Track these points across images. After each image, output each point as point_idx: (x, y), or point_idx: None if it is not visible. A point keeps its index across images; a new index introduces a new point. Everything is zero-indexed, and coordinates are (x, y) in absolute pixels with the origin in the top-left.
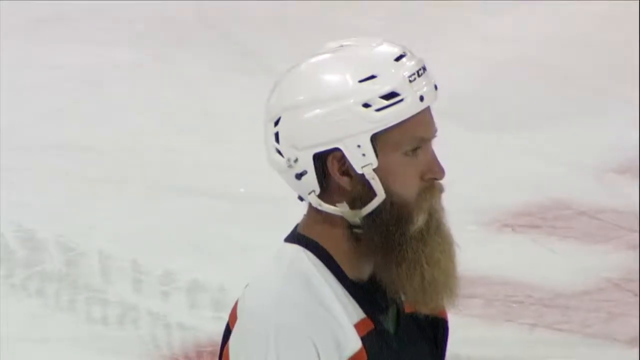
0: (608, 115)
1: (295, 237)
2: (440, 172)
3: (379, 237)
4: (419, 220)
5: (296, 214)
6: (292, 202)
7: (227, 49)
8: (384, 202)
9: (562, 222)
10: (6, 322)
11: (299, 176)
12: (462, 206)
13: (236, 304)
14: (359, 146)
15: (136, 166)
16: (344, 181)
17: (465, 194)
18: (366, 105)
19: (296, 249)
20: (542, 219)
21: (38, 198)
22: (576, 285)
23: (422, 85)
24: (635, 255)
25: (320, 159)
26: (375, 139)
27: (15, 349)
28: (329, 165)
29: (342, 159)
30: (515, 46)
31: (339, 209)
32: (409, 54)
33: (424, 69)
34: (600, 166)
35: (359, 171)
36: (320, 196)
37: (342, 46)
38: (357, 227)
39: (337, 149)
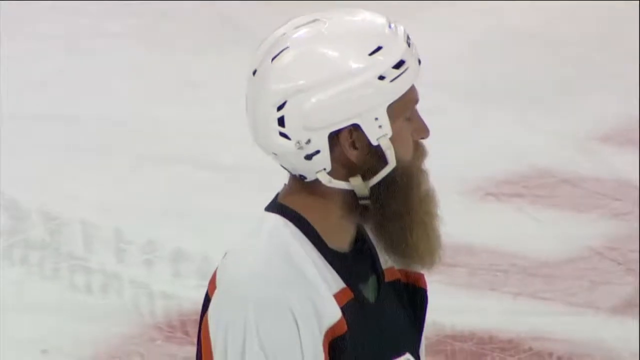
0: (592, 85)
1: (276, 207)
2: (427, 132)
3: (383, 204)
4: (422, 185)
5: (279, 182)
6: (274, 171)
7: (212, 18)
8: (393, 171)
9: (546, 191)
10: None
11: (309, 157)
12: (445, 175)
13: (215, 272)
14: (376, 119)
15: (120, 136)
16: (353, 155)
17: (448, 163)
18: (381, 78)
19: (276, 219)
20: (526, 188)
21: (22, 167)
22: (559, 254)
23: (414, 49)
24: (617, 223)
25: (335, 137)
26: (389, 109)
27: (0, 320)
28: (342, 141)
29: (356, 133)
30: (499, 16)
31: (352, 183)
32: (390, 19)
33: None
34: (583, 135)
35: (375, 143)
36: (330, 173)
37: (317, 20)
38: (364, 198)
39: (355, 125)
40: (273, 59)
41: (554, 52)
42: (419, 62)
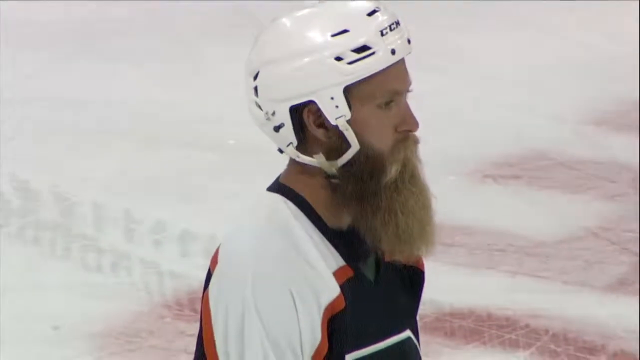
0: (587, 69)
1: (277, 187)
2: (414, 125)
3: (353, 186)
4: (392, 171)
5: (282, 164)
6: (275, 154)
7: (218, 4)
8: (358, 153)
9: (542, 173)
10: (3, 270)
11: (277, 129)
12: (444, 157)
13: (217, 249)
14: (332, 98)
15: (129, 119)
16: (320, 133)
17: (447, 146)
18: (338, 59)
19: (277, 198)
20: (523, 170)
21: (34, 150)
22: (555, 234)
23: (394, 39)
24: (612, 204)
25: (296, 112)
26: (348, 91)
27: (12, 295)
28: (304, 118)
29: (317, 111)
30: None
31: (316, 160)
32: (382, 8)
33: (397, 23)
34: (579, 119)
35: (333, 123)
36: (298, 148)
37: (320, 2)
38: (334, 177)
39: (311, 102)
40: (260, 34)
41: (552, 37)
42: (393, 52)
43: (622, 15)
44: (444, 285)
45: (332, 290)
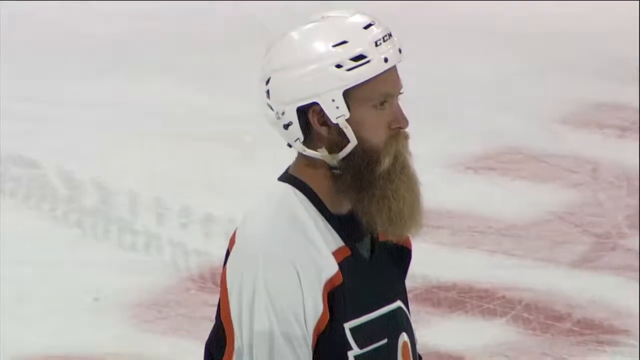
0: (554, 74)
1: (286, 177)
2: (405, 122)
3: (352, 176)
4: (385, 162)
5: (290, 157)
6: (285, 149)
7: (239, 20)
8: (356, 147)
9: (515, 165)
10: (51, 250)
11: (286, 126)
12: (432, 152)
13: (235, 231)
14: (333, 100)
15: (160, 120)
16: (323, 130)
17: (435, 142)
18: (338, 66)
19: (286, 187)
20: (499, 163)
21: (78, 146)
22: (526, 218)
23: (387, 49)
24: (575, 192)
25: (302, 112)
26: (347, 94)
27: (58, 271)
28: (309, 117)
29: (320, 111)
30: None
31: (319, 154)
32: (377, 22)
33: (390, 35)
34: (546, 118)
35: (334, 121)
36: (304, 143)
37: (323, 17)
38: (335, 168)
39: (315, 103)
40: (271, 45)
41: (521, 46)
42: (386, 60)
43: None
44: (431, 262)
45: (331, 267)
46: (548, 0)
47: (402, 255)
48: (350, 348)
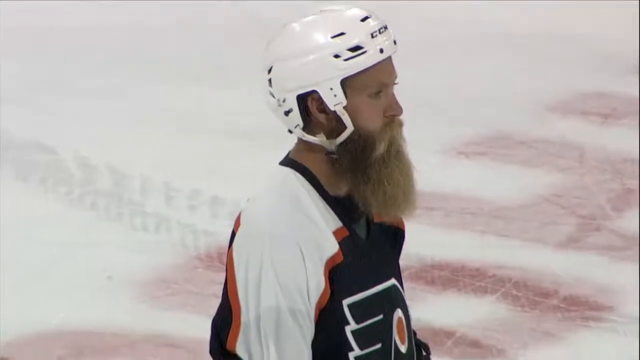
0: (546, 65)
1: (287, 161)
2: (399, 110)
3: (349, 160)
4: (380, 148)
5: (291, 143)
6: (287, 134)
7: (240, 15)
8: (353, 133)
9: (505, 150)
10: (67, 231)
11: (286, 113)
12: (427, 138)
13: (240, 213)
14: (331, 89)
15: (168, 109)
16: (321, 117)
17: (430, 128)
18: (336, 56)
19: (287, 171)
20: (489, 148)
21: (93, 133)
22: (516, 200)
23: (382, 40)
24: (562, 176)
25: (302, 100)
26: (344, 83)
27: (73, 250)
28: (309, 104)
29: (319, 99)
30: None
31: (318, 139)
32: (373, 16)
33: (385, 27)
34: (535, 106)
35: (332, 108)
36: (304, 129)
37: (322, 10)
38: (333, 153)
39: (314, 91)
40: (273, 36)
41: (514, 43)
42: (381, 51)
43: (577, 15)
44: (425, 242)
45: (332, 246)
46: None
47: (396, 236)
48: (348, 323)
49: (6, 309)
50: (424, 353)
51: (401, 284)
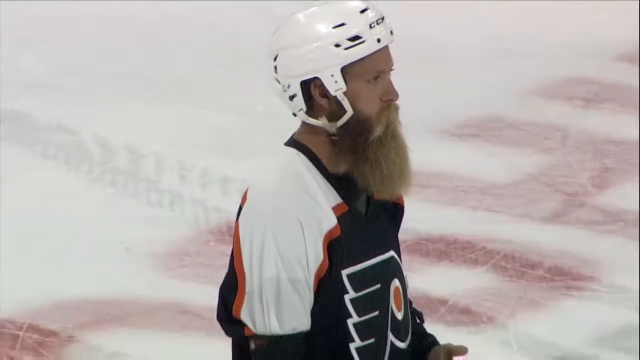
0: (532, 54)
1: (291, 142)
2: (395, 95)
3: (348, 142)
4: (377, 130)
5: (295, 125)
6: (292, 117)
7: (249, 5)
8: (352, 117)
9: (496, 132)
10: (88, 206)
11: (291, 98)
12: (423, 121)
13: (247, 189)
14: (332, 75)
15: (182, 91)
16: (323, 101)
17: (425, 111)
18: (337, 45)
19: (291, 151)
20: (481, 130)
21: (111, 114)
22: (505, 178)
23: (380, 31)
24: (547, 156)
25: (305, 85)
26: (344, 70)
27: (93, 224)
28: (312, 90)
29: (321, 85)
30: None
31: (320, 122)
32: (371, 7)
33: (383, 18)
34: (523, 91)
35: (333, 94)
36: (307, 112)
37: (324, 2)
38: (334, 135)
39: (317, 78)
40: (279, 25)
41: (503, 31)
42: (379, 40)
43: (559, 5)
44: (421, 218)
45: (331, 221)
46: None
47: (395, 212)
48: (347, 292)
49: (34, 278)
50: (418, 320)
51: (399, 256)
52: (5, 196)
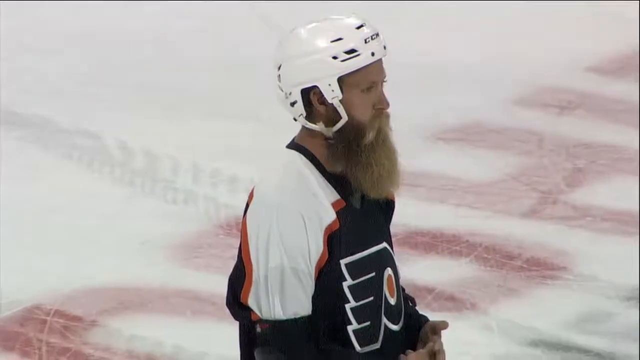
0: (511, 67)
1: (292, 145)
2: (386, 104)
3: (343, 146)
4: (370, 136)
5: (296, 129)
6: (293, 122)
7: (254, 19)
8: (347, 123)
9: (478, 136)
10: (109, 204)
11: (292, 104)
12: (412, 126)
13: (253, 188)
14: (329, 85)
15: (194, 98)
16: (321, 108)
17: (413, 118)
18: (334, 58)
19: (292, 153)
20: (465, 134)
21: (130, 120)
22: (487, 178)
23: (374, 45)
24: (525, 158)
25: (305, 93)
26: (341, 80)
27: (113, 220)
28: (311, 97)
29: (319, 93)
30: None
31: (318, 127)
32: (367, 24)
33: (377, 34)
34: (503, 100)
35: (330, 101)
36: (306, 118)
37: (324, 18)
38: (331, 139)
39: (315, 86)
40: (282, 38)
41: (486, 43)
42: (373, 54)
43: (536, 25)
44: (410, 213)
45: (330, 215)
46: None
47: (387, 207)
48: (345, 279)
49: (60, 268)
50: (411, 304)
51: (392, 247)
52: (35, 195)
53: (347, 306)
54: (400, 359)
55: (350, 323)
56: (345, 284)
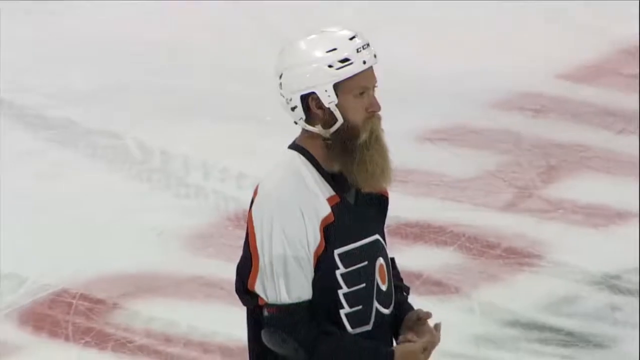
0: (491, 73)
1: (293, 146)
2: (378, 107)
3: (339, 146)
4: (363, 136)
5: (296, 131)
6: (294, 125)
7: (260, 31)
8: (342, 125)
9: (461, 137)
10: (129, 199)
11: (292, 109)
12: (400, 128)
13: (258, 184)
14: (326, 91)
15: (205, 103)
16: (319, 112)
17: (403, 121)
18: (330, 66)
19: (293, 153)
20: (449, 135)
21: (148, 122)
22: (469, 174)
23: (365, 54)
24: (503, 156)
25: (304, 99)
26: (336, 86)
27: (131, 214)
28: (309, 102)
29: (317, 98)
30: None
31: (316, 129)
32: (359, 35)
33: (368, 44)
34: (484, 103)
35: (327, 106)
36: (305, 121)
37: (321, 31)
38: (328, 140)
39: (313, 93)
40: (282, 49)
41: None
42: (364, 62)
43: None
44: (400, 207)
45: (325, 209)
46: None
47: (381, 202)
48: (338, 267)
49: (85, 256)
50: (404, 293)
51: (384, 239)
52: (61, 190)
53: (340, 292)
54: (401, 341)
55: (343, 307)
56: (338, 272)
